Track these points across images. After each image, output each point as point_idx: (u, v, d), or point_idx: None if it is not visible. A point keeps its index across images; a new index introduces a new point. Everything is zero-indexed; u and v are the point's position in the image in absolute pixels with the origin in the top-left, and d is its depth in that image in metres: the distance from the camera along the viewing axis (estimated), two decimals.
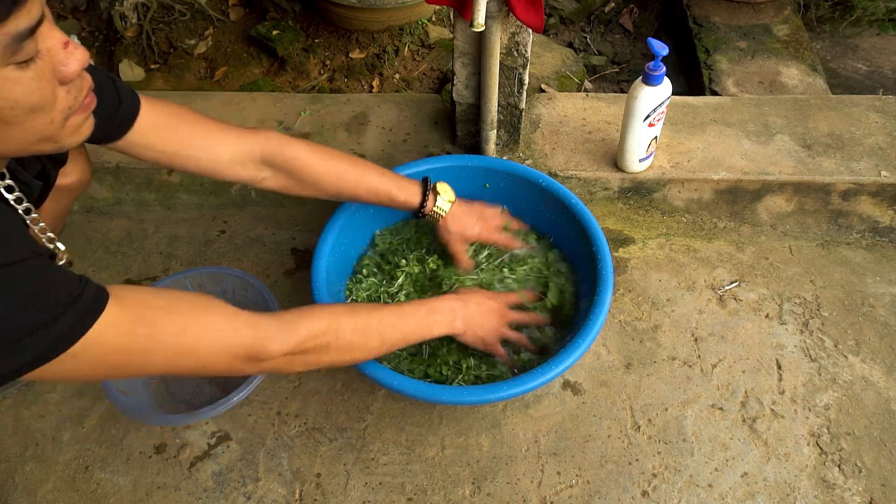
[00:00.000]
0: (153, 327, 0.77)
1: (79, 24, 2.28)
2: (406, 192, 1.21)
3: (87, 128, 0.78)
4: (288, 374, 1.33)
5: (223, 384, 1.31)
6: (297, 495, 1.20)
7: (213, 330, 0.83)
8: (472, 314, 1.14)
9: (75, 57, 0.70)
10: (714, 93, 1.94)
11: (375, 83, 2.14)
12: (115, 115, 0.96)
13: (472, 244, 1.34)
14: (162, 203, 1.67)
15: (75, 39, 1.86)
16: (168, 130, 1.03)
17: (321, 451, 1.25)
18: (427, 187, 1.23)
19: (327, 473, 1.23)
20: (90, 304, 0.72)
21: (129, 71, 2.16)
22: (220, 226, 1.64)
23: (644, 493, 1.19)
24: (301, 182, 1.14)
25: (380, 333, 1.00)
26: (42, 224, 0.93)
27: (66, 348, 0.70)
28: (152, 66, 2.19)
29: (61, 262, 0.96)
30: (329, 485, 1.21)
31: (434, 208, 1.24)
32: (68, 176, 1.13)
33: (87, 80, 0.76)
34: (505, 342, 1.19)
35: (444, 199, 1.25)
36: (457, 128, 1.56)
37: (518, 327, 1.22)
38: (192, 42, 2.23)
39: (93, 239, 1.62)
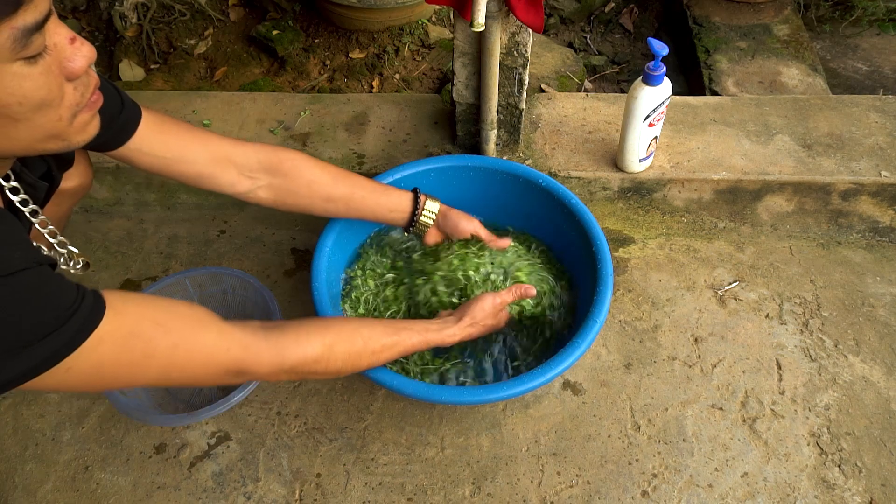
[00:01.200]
0: (147, 342, 0.77)
1: (79, 23, 2.28)
2: (396, 198, 1.23)
3: (95, 126, 0.77)
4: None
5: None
6: (297, 495, 1.20)
7: (204, 348, 0.83)
8: (472, 335, 1.16)
9: (82, 52, 0.69)
10: (714, 93, 1.94)
11: (375, 83, 2.14)
12: (117, 119, 0.95)
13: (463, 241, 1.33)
14: (162, 203, 1.67)
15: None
16: (169, 135, 1.03)
17: (321, 451, 1.25)
18: (417, 194, 1.25)
19: (327, 473, 1.23)
20: (88, 316, 0.71)
21: (129, 71, 2.16)
22: (220, 226, 1.64)
23: (644, 494, 1.19)
24: (296, 191, 1.14)
25: (370, 363, 1.03)
26: (51, 227, 0.93)
27: (61, 360, 0.70)
28: (152, 66, 2.19)
29: (78, 266, 0.96)
30: (329, 485, 1.21)
31: (424, 211, 1.26)
32: (71, 179, 1.12)
33: (94, 78, 0.75)
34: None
35: (431, 204, 1.27)
36: (457, 128, 1.56)
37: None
38: (192, 42, 2.23)
39: (93, 239, 1.62)
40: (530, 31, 1.33)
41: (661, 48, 1.28)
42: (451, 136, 1.62)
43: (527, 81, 1.44)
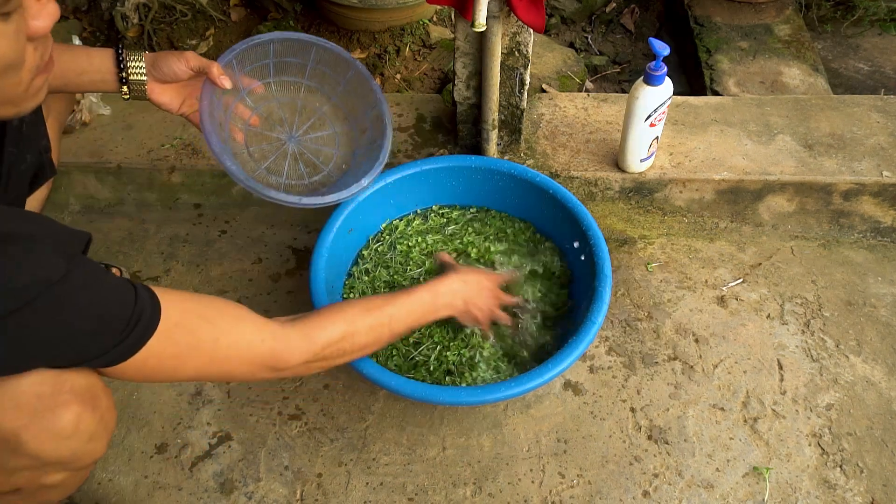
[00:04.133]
0: (192, 334, 0.79)
1: (80, 24, 2.28)
2: (98, 60, 1.05)
3: (45, 90, 0.74)
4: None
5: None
6: (298, 495, 1.20)
7: (243, 340, 0.85)
8: (472, 295, 1.18)
9: (48, 10, 0.65)
10: (715, 93, 1.94)
11: None
12: None
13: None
14: (163, 203, 1.67)
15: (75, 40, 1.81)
16: None
17: (322, 451, 1.25)
18: (119, 50, 1.05)
19: (328, 473, 1.23)
20: (148, 322, 0.73)
21: None
22: (222, 226, 1.64)
23: (645, 494, 1.19)
24: None
25: (390, 329, 1.04)
26: None
27: (118, 363, 0.72)
28: None
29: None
30: (330, 485, 1.21)
31: (131, 69, 1.06)
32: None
33: (51, 39, 0.70)
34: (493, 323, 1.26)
35: (136, 58, 1.06)
36: (458, 128, 1.56)
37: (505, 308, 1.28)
38: (194, 42, 2.23)
39: (94, 239, 1.62)
40: (531, 31, 1.33)
41: (663, 48, 1.28)
42: (452, 136, 1.62)
43: (528, 81, 1.44)
